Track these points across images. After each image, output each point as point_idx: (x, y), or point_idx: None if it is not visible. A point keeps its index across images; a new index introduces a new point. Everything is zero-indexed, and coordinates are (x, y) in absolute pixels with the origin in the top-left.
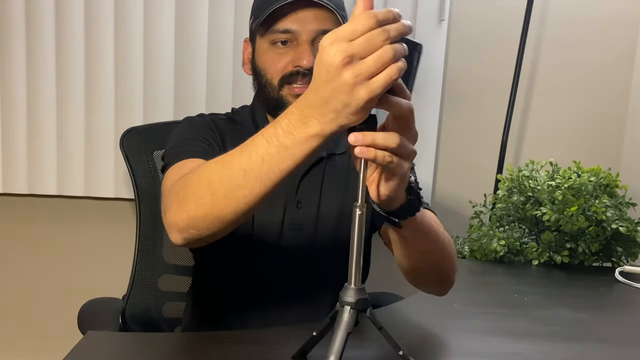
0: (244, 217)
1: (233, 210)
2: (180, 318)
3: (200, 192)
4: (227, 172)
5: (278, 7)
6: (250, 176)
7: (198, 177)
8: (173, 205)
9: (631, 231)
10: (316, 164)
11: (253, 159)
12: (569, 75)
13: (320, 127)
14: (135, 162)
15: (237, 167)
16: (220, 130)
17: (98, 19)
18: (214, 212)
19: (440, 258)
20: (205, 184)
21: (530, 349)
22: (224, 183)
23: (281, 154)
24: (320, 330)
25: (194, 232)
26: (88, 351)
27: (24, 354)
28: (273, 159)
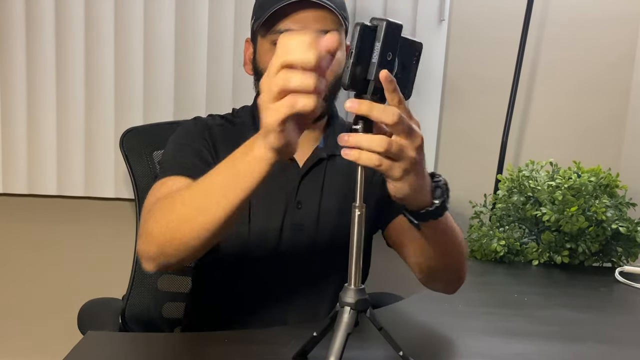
0: (209, 242)
1: (195, 235)
2: (180, 318)
3: (167, 218)
4: (189, 200)
5: (279, 7)
6: (208, 199)
7: (167, 203)
8: (144, 234)
9: (631, 231)
10: (316, 165)
11: (212, 181)
12: (569, 75)
13: (259, 150)
14: (135, 162)
15: (200, 190)
16: (214, 138)
17: (98, 18)
18: (178, 237)
19: (457, 257)
20: (170, 210)
21: (530, 349)
22: (185, 207)
23: (233, 176)
24: (321, 330)
25: (162, 259)
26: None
27: (24, 354)
28: (227, 180)
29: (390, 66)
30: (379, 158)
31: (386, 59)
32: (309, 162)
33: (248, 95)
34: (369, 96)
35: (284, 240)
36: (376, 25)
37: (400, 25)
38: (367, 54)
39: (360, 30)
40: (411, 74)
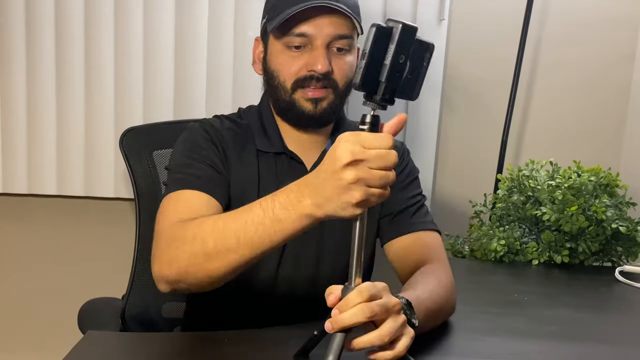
0: (233, 275)
1: (223, 271)
2: (180, 318)
3: (194, 251)
4: (221, 235)
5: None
6: (242, 243)
7: (193, 236)
8: (164, 256)
9: (631, 231)
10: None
11: (248, 227)
12: (569, 74)
13: (312, 209)
14: (135, 162)
15: (232, 232)
16: (224, 143)
17: (98, 18)
18: (205, 270)
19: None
20: (199, 244)
21: (530, 348)
22: (217, 245)
23: (274, 227)
24: (321, 329)
25: (182, 285)
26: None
27: (24, 353)
28: (266, 229)
29: (402, 68)
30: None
31: (398, 61)
32: (317, 165)
33: (248, 95)
34: (378, 97)
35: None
36: (392, 27)
37: (415, 28)
38: (381, 55)
39: (375, 31)
40: (420, 75)
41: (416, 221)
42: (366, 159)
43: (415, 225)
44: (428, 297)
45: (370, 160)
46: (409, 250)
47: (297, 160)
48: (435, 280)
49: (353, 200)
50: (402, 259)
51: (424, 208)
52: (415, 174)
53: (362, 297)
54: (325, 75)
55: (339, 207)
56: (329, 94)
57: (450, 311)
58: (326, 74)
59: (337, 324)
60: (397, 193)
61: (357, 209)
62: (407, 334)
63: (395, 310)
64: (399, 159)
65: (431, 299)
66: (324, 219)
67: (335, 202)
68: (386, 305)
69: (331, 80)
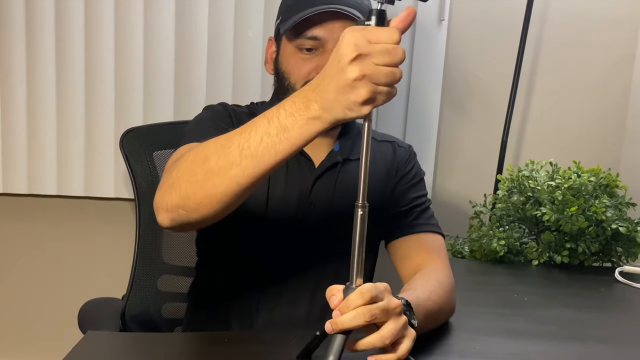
0: (233, 201)
1: (223, 190)
2: (179, 319)
3: (195, 170)
4: (225, 149)
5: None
6: (246, 154)
7: (195, 154)
8: (165, 184)
9: (631, 231)
10: (332, 168)
11: (252, 138)
12: (569, 75)
13: (319, 113)
14: (135, 163)
15: (235, 145)
16: (241, 122)
17: (98, 19)
18: (205, 190)
19: (444, 319)
20: (201, 161)
21: (530, 348)
22: (219, 160)
23: (280, 135)
24: (323, 330)
25: (182, 212)
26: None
27: (24, 354)
28: (271, 139)
29: None
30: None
31: None
32: (325, 164)
33: (248, 95)
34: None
35: (296, 239)
36: None
37: None
38: None
39: None
40: None
41: (420, 222)
42: (371, 54)
43: (418, 226)
44: (428, 298)
45: (376, 55)
46: (411, 250)
47: (305, 157)
48: (435, 282)
49: (359, 98)
50: (404, 259)
51: (429, 211)
52: (421, 176)
53: (364, 299)
54: None
55: (345, 107)
56: None
57: (450, 312)
58: None
59: (337, 325)
60: (403, 193)
61: (364, 107)
62: (408, 336)
63: (396, 312)
64: (406, 161)
65: (431, 299)
66: (332, 123)
67: (341, 102)
68: (387, 308)
69: None
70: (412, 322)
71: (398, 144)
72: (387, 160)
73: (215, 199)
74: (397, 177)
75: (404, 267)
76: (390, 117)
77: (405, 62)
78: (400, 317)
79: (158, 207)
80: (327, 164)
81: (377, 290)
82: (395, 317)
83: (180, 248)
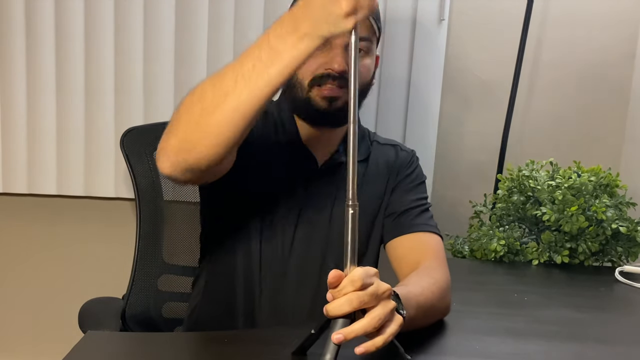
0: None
1: (220, 120)
2: (179, 318)
3: (192, 108)
4: (219, 81)
5: None
6: (239, 81)
7: (192, 93)
8: (165, 133)
9: (631, 231)
10: (336, 168)
11: (244, 65)
12: (569, 74)
13: (307, 30)
14: (135, 162)
15: (230, 75)
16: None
17: (98, 18)
18: (202, 125)
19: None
20: (197, 99)
21: (530, 348)
22: (215, 93)
23: (271, 57)
24: (318, 328)
25: (182, 156)
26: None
27: (24, 354)
28: (263, 63)
29: None
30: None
31: None
32: (328, 162)
33: None
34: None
35: (296, 237)
36: None
37: None
38: None
39: None
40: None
41: (418, 222)
42: None
43: (416, 226)
44: (420, 293)
45: None
46: (409, 250)
47: (309, 155)
48: (429, 278)
49: (341, 11)
50: (401, 259)
51: (428, 212)
52: (422, 179)
53: (354, 287)
54: (341, 75)
55: (330, 23)
56: (344, 94)
57: (445, 311)
58: (342, 73)
59: (328, 313)
60: (402, 195)
61: (348, 20)
62: (395, 321)
63: (384, 296)
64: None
65: (423, 295)
66: (321, 40)
67: (326, 19)
68: (376, 292)
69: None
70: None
71: (401, 147)
72: (389, 163)
73: (213, 134)
74: (397, 179)
75: (402, 267)
76: (390, 116)
77: (405, 62)
78: (389, 302)
79: (158, 154)
80: (330, 163)
81: (367, 276)
82: (383, 301)
83: (180, 248)
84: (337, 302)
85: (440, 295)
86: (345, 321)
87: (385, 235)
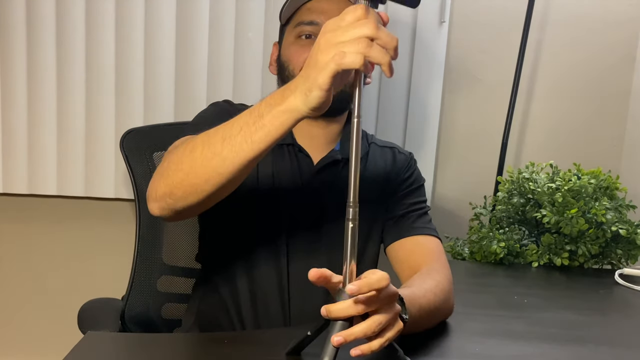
0: (217, 191)
1: (208, 179)
2: (179, 319)
3: (182, 159)
4: (210, 139)
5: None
6: (226, 144)
7: (184, 146)
8: (156, 175)
9: (631, 234)
10: (331, 165)
11: (233, 128)
12: (570, 77)
13: (294, 104)
14: (135, 163)
15: (220, 135)
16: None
17: (98, 19)
18: (190, 179)
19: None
20: (189, 151)
21: (530, 351)
22: (204, 150)
23: (256, 124)
24: (315, 330)
25: (169, 201)
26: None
27: (24, 354)
28: (249, 128)
29: None
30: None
31: None
32: (324, 161)
33: (248, 96)
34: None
35: (292, 235)
36: None
37: None
38: None
39: None
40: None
41: (418, 225)
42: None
43: (416, 229)
44: (423, 296)
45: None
46: (410, 253)
47: (304, 154)
48: (432, 281)
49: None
50: (403, 262)
51: (427, 216)
52: (421, 182)
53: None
54: None
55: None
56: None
57: (448, 313)
58: None
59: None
60: (402, 199)
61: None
62: (396, 326)
63: (390, 301)
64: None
65: (426, 297)
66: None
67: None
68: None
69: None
70: (403, 316)
71: (398, 150)
72: (387, 166)
73: (200, 188)
74: (396, 182)
75: (403, 269)
76: (390, 117)
77: (406, 63)
78: (393, 307)
79: (148, 196)
80: (326, 161)
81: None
82: (388, 306)
83: (180, 249)
84: (342, 305)
85: (444, 298)
86: (344, 324)
87: (386, 238)
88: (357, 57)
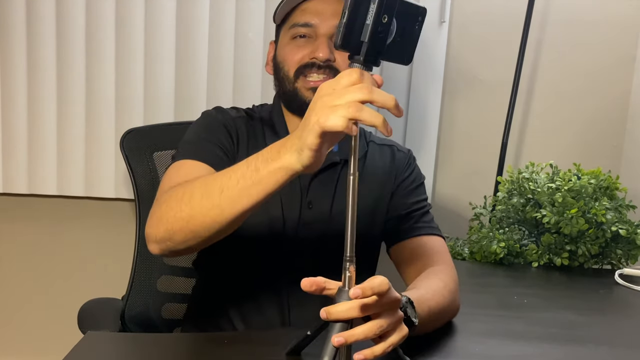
0: (218, 235)
1: (206, 227)
2: (179, 319)
3: (181, 207)
4: (208, 189)
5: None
6: (224, 196)
7: (183, 192)
8: (154, 216)
9: (631, 234)
10: (330, 167)
11: (231, 180)
12: (570, 77)
13: (288, 162)
14: (135, 163)
15: (217, 186)
16: (236, 129)
17: (99, 19)
18: (189, 227)
19: (448, 319)
20: (187, 199)
21: (530, 351)
22: (202, 200)
23: (252, 178)
24: (315, 330)
25: (169, 244)
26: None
27: (24, 354)
28: (245, 182)
29: (386, 29)
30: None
31: (381, 21)
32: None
33: (248, 96)
34: (361, 57)
35: (293, 238)
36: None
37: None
38: (362, 15)
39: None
40: (412, 39)
41: (421, 225)
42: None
43: (419, 229)
44: (431, 298)
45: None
46: (414, 253)
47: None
48: (440, 282)
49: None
50: (407, 262)
51: (429, 214)
52: (421, 180)
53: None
54: (326, 64)
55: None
56: None
57: (454, 313)
58: (327, 61)
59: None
60: (403, 198)
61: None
62: (399, 331)
63: (392, 306)
64: (405, 165)
65: (434, 299)
66: (301, 170)
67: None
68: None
69: (333, 69)
70: (413, 320)
71: (397, 148)
72: (387, 164)
73: (198, 235)
74: (396, 182)
75: (408, 271)
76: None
77: None
78: (396, 312)
79: (148, 238)
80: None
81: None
82: (390, 311)
83: None
84: (342, 307)
85: (451, 299)
86: (344, 325)
87: (388, 239)
88: (340, 120)
